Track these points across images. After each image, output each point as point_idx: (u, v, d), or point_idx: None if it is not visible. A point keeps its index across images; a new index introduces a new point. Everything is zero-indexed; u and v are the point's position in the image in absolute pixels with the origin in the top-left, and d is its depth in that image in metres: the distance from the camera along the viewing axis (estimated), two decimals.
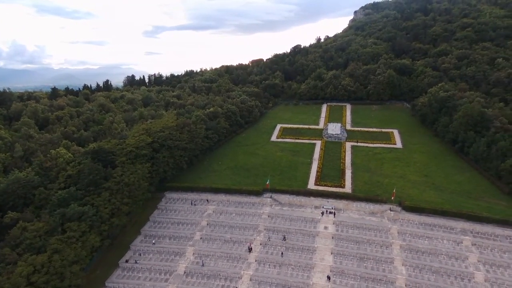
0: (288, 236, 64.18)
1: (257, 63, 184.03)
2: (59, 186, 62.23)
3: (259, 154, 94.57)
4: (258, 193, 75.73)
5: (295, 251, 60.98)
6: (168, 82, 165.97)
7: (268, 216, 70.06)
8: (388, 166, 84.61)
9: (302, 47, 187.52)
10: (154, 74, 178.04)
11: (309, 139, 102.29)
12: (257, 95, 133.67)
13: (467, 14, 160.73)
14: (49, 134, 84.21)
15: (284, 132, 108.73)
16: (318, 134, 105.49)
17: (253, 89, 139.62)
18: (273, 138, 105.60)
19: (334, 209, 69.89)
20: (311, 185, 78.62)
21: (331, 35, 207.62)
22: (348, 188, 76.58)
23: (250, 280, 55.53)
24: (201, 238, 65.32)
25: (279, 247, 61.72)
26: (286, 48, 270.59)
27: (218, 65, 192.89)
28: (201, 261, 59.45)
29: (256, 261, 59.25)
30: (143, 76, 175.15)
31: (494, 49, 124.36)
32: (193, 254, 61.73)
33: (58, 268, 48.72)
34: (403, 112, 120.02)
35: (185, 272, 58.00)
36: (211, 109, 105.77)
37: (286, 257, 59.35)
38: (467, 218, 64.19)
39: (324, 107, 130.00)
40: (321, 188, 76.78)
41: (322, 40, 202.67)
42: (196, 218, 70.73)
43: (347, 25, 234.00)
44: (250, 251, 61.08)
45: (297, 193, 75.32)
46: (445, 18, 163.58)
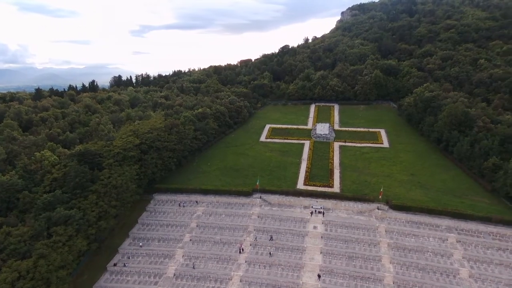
0: (278, 236, 64.48)
1: (246, 63, 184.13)
2: (44, 190, 60.97)
3: (248, 155, 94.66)
4: (248, 194, 75.79)
5: (285, 251, 61.29)
6: (156, 83, 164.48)
7: (258, 217, 70.21)
8: (376, 166, 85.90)
9: (290, 48, 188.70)
10: (142, 74, 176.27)
11: (298, 139, 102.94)
12: (246, 96, 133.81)
13: (451, 16, 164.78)
14: (33, 136, 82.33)
15: (273, 133, 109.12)
16: (307, 134, 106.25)
17: (242, 90, 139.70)
18: (262, 139, 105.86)
19: (323, 209, 70.55)
20: (300, 185, 79.18)
21: (319, 36, 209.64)
22: (337, 188, 77.42)
23: (240, 281, 55.54)
24: (191, 240, 64.99)
25: (269, 247, 61.95)
26: (275, 48, 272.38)
27: (206, 65, 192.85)
28: (192, 264, 59.15)
29: (246, 262, 59.31)
30: (130, 77, 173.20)
31: (477, 50, 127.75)
32: (183, 256, 61.35)
33: (44, 274, 47.70)
34: (390, 112, 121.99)
35: (175, 275, 57.59)
36: (200, 110, 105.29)
37: (276, 257, 59.60)
38: (452, 216, 65.77)
39: (313, 107, 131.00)
40: (310, 188, 77.39)
41: (310, 41, 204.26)
42: (186, 220, 70.32)
43: (335, 26, 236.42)
44: (241, 252, 61.11)
45: (287, 193, 75.71)
46: (430, 20, 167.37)
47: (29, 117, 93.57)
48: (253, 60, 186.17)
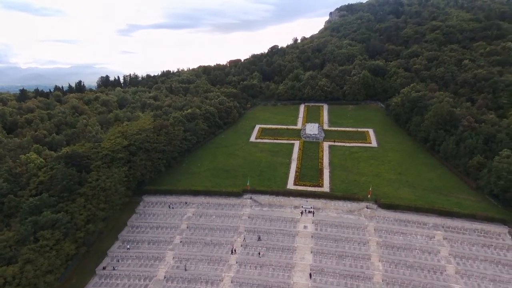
0: (269, 237, 64.72)
1: (235, 64, 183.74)
2: (30, 193, 59.72)
3: (238, 155, 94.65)
4: (238, 195, 75.81)
5: (276, 251, 61.58)
6: (144, 83, 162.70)
7: (249, 217, 70.29)
8: (364, 165, 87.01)
9: (280, 48, 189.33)
10: (130, 75, 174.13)
11: (288, 140, 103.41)
12: (236, 96, 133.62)
13: (436, 17, 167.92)
14: (18, 139, 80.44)
15: (263, 133, 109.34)
16: (297, 134, 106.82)
17: (231, 90, 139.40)
18: (252, 139, 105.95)
19: (313, 209, 71.10)
20: (290, 185, 79.61)
21: (308, 36, 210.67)
22: (327, 187, 78.14)
23: (232, 282, 55.53)
24: (181, 242, 64.62)
25: (260, 248, 62.11)
26: (264, 48, 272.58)
27: (196, 65, 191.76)
28: (184, 266, 58.81)
29: (237, 263, 59.33)
30: (118, 77, 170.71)
31: (461, 51, 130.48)
32: (173, 258, 60.97)
33: (31, 279, 46.83)
34: (378, 112, 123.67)
35: (165, 277, 57.19)
36: (189, 111, 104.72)
37: (267, 258, 59.81)
38: (439, 214, 67.21)
39: (302, 108, 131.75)
40: (300, 188, 77.90)
41: (299, 41, 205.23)
42: (176, 222, 69.90)
43: (323, 26, 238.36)
44: (234, 253, 61.09)
45: (277, 194, 76.03)
46: (416, 21, 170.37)
47: (14, 119, 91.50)
48: (243, 60, 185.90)
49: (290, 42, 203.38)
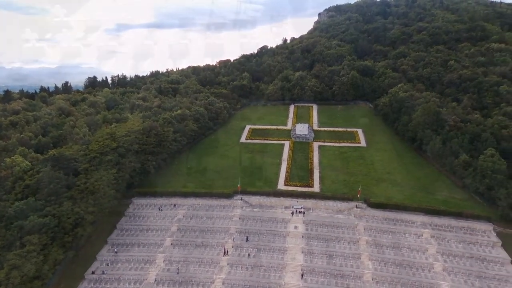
0: (260, 238, 64.86)
1: (225, 64, 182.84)
2: (16, 197, 58.55)
3: (229, 156, 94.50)
4: (229, 196, 75.70)
5: (267, 252, 61.77)
6: (133, 84, 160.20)
7: (239, 218, 70.26)
8: (354, 165, 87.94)
9: (269, 48, 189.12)
10: (118, 75, 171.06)
11: (278, 140, 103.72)
12: (225, 97, 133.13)
13: (423, 18, 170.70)
14: (3, 141, 78.59)
15: (253, 133, 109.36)
16: (287, 135, 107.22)
17: (221, 90, 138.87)
18: (242, 140, 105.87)
19: (304, 209, 71.53)
20: (281, 186, 79.91)
21: (297, 36, 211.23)
22: (317, 188, 78.70)
23: (223, 284, 55.51)
24: (172, 244, 64.20)
25: (251, 249, 62.17)
26: (253, 48, 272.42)
27: (185, 66, 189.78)
28: (176, 269, 58.36)
29: (228, 264, 59.30)
30: (106, 77, 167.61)
31: (447, 52, 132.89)
32: (164, 261, 60.56)
33: (18, 285, 46.04)
34: (367, 112, 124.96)
35: (156, 280, 56.80)
36: (179, 111, 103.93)
37: (258, 258, 59.93)
38: (426, 212, 68.47)
39: (292, 108, 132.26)
40: (291, 188, 78.26)
41: (288, 41, 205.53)
42: (166, 224, 69.37)
43: (312, 27, 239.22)
44: (226, 254, 60.97)
45: (267, 194, 76.19)
46: (403, 22, 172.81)
47: None
48: (232, 61, 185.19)
49: (280, 43, 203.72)
